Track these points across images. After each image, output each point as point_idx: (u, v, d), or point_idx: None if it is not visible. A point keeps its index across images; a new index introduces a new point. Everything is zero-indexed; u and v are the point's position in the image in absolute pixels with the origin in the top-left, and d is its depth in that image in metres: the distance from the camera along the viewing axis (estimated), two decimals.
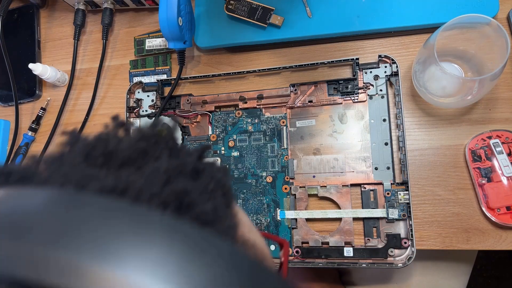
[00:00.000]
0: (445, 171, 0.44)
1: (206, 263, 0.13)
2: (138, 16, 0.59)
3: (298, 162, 0.48)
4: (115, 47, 0.59)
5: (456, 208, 0.43)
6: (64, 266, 0.11)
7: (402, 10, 0.47)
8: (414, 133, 0.46)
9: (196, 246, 0.13)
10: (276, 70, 0.50)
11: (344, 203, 0.45)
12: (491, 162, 0.43)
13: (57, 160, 0.16)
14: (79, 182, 0.15)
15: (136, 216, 0.13)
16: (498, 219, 0.41)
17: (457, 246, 0.43)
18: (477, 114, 0.45)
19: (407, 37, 0.48)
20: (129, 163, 0.16)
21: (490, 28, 0.40)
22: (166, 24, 0.47)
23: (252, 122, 0.50)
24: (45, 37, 0.63)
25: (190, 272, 0.12)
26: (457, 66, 0.45)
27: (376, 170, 0.45)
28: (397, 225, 0.44)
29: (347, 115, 0.47)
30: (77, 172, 0.15)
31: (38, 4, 0.63)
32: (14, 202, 0.14)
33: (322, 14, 0.49)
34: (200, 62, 0.55)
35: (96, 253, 0.11)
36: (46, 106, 0.59)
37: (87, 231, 0.12)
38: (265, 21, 0.49)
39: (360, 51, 0.49)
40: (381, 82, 0.47)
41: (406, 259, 0.42)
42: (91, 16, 0.61)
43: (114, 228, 0.12)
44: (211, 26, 0.52)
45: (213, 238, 0.14)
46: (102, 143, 0.17)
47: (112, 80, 0.58)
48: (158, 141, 0.17)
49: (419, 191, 0.44)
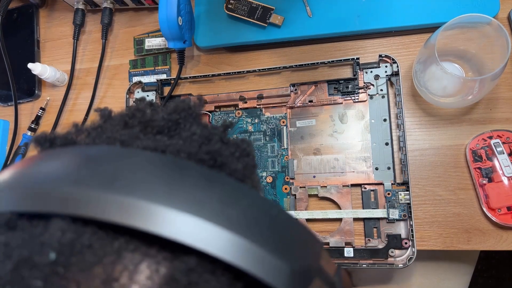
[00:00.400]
0: (446, 171, 0.44)
1: (245, 205, 0.14)
2: (137, 15, 0.59)
3: (298, 162, 0.48)
4: (115, 46, 0.59)
5: (456, 208, 0.43)
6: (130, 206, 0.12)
7: (402, 9, 0.46)
8: (414, 133, 0.46)
9: (233, 191, 0.14)
10: (276, 69, 0.50)
11: (344, 203, 0.45)
12: (492, 162, 0.42)
13: (97, 128, 0.18)
14: (124, 142, 0.16)
15: (180, 164, 0.15)
16: (499, 220, 0.41)
17: (458, 246, 0.43)
18: (478, 114, 0.45)
19: (407, 37, 0.48)
20: (164, 131, 0.18)
21: (490, 28, 0.40)
22: (166, 24, 0.46)
23: (252, 122, 0.50)
24: (45, 36, 0.62)
25: (229, 212, 0.13)
26: (457, 66, 0.45)
27: (377, 170, 0.45)
28: (397, 226, 0.43)
29: (348, 115, 0.47)
30: (120, 134, 0.17)
31: (38, 3, 0.62)
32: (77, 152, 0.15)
33: (323, 14, 0.48)
34: (200, 62, 0.55)
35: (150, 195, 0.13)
36: (45, 106, 0.59)
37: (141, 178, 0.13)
38: (265, 20, 0.49)
39: (360, 50, 0.49)
40: (382, 82, 0.47)
41: (407, 259, 0.42)
42: (91, 15, 0.61)
43: (163, 173, 0.14)
44: (211, 25, 0.52)
45: (245, 188, 0.15)
46: (140, 113, 0.18)
47: (112, 80, 0.58)
48: (188, 114, 0.19)
49: (419, 191, 0.44)
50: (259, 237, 0.13)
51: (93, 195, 0.12)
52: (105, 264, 0.12)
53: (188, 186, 0.14)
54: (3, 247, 0.13)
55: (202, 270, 0.13)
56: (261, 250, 0.12)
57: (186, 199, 0.13)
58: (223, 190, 0.14)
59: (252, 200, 0.15)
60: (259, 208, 0.14)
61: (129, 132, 0.17)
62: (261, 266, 0.12)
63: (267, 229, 0.14)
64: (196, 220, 0.12)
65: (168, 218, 0.12)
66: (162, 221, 0.12)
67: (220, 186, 0.14)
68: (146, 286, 0.12)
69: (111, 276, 0.12)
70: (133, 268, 0.12)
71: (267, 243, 0.13)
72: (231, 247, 0.12)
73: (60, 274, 0.12)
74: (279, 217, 0.15)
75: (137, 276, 0.12)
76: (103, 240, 0.13)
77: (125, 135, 0.17)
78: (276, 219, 0.14)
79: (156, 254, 0.13)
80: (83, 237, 0.12)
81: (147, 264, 0.13)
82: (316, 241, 0.16)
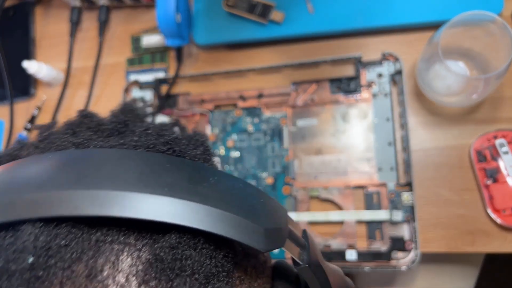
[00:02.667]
0: (450, 172, 0.43)
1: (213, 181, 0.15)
2: (134, 13, 0.58)
3: (300, 163, 0.47)
4: (112, 44, 0.58)
5: (461, 210, 0.42)
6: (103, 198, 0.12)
7: (406, 6, 0.46)
8: (418, 133, 0.45)
9: (199, 171, 0.15)
10: (276, 68, 0.49)
11: (346, 205, 0.44)
12: (496, 163, 0.42)
13: (43, 141, 0.17)
14: (79, 145, 0.16)
15: (141, 155, 0.15)
16: (504, 221, 0.41)
17: (462, 248, 0.42)
18: (483, 113, 0.44)
19: (411, 35, 0.47)
20: (114, 134, 0.18)
21: (495, 26, 0.39)
22: (164, 21, 0.46)
23: (252, 121, 0.49)
24: (40, 34, 0.62)
25: (200, 189, 0.14)
26: (462, 64, 0.44)
27: (380, 171, 0.44)
28: (400, 227, 0.43)
29: (350, 114, 0.46)
30: (72, 140, 0.16)
31: (34, 1, 0.62)
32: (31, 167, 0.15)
33: (324, 10, 0.48)
34: (198, 60, 0.54)
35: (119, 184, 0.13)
36: (41, 105, 0.58)
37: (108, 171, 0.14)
38: (265, 17, 0.48)
39: (363, 48, 0.48)
40: (385, 80, 0.46)
41: (410, 262, 0.41)
42: (87, 13, 0.60)
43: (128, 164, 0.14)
44: (210, 22, 0.51)
45: (210, 168, 0.16)
46: (87, 119, 0.18)
47: (109, 79, 0.57)
48: (134, 115, 0.20)
49: (423, 192, 0.43)
50: (231, 206, 0.14)
51: (61, 194, 0.12)
52: (86, 259, 0.12)
53: (156, 171, 0.14)
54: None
55: (183, 246, 0.13)
56: (235, 216, 0.13)
57: (156, 183, 0.13)
58: (190, 171, 0.15)
59: (218, 177, 0.16)
60: (226, 182, 0.16)
61: (81, 135, 0.17)
62: (238, 230, 0.13)
63: (237, 199, 0.15)
64: (170, 199, 0.13)
65: (141, 202, 0.12)
66: (137, 205, 0.12)
67: (186, 168, 0.15)
68: (131, 273, 0.13)
69: (94, 270, 0.12)
70: (114, 259, 0.13)
71: (240, 210, 0.14)
72: (207, 218, 0.13)
73: (42, 277, 0.12)
74: (246, 189, 0.16)
75: (121, 265, 0.13)
76: (80, 237, 0.13)
77: (78, 139, 0.16)
78: (243, 190, 0.16)
79: (135, 242, 0.13)
80: (58, 238, 0.12)
81: (128, 252, 0.13)
82: (282, 208, 0.17)
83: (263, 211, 0.15)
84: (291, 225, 0.16)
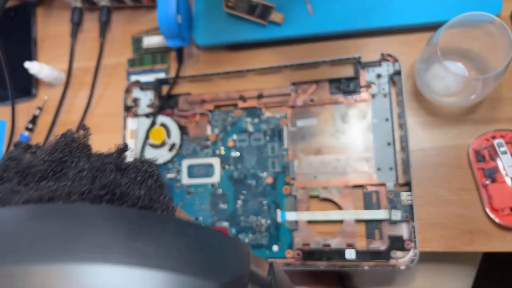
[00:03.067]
0: (449, 172, 0.44)
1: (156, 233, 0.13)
2: (135, 14, 0.58)
3: (299, 163, 0.47)
4: (113, 45, 0.58)
5: (459, 209, 0.43)
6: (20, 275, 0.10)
7: (405, 7, 0.46)
8: (417, 133, 0.45)
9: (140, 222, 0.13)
10: (276, 68, 0.49)
11: (346, 204, 0.45)
12: (495, 163, 0.42)
13: None
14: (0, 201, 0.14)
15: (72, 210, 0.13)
16: (502, 220, 0.41)
17: (461, 248, 0.42)
18: (481, 113, 0.44)
19: (410, 35, 0.47)
20: (48, 176, 0.16)
21: (493, 27, 0.39)
22: (165, 22, 0.46)
23: (252, 121, 0.50)
24: (42, 35, 0.62)
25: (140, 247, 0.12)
26: (460, 64, 0.44)
27: (379, 171, 0.44)
28: (399, 227, 0.43)
29: (349, 114, 0.47)
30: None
31: (35, 2, 0.62)
32: None
33: (324, 11, 0.48)
34: (199, 60, 0.54)
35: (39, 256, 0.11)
36: (42, 105, 0.59)
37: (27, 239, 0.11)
38: (265, 18, 0.48)
39: (362, 49, 0.49)
40: (384, 80, 0.46)
41: (409, 261, 0.41)
42: (88, 14, 0.60)
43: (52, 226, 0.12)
44: (210, 23, 0.52)
45: (154, 215, 0.14)
46: (14, 162, 0.16)
47: (110, 79, 0.57)
48: (72, 148, 0.17)
49: (422, 192, 0.44)
50: (178, 264, 0.12)
51: None
52: None
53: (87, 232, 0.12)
54: None
55: None
56: (183, 277, 0.11)
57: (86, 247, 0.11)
58: (128, 224, 0.13)
59: (163, 225, 0.13)
60: (172, 232, 0.13)
61: (4, 187, 0.15)
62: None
63: (186, 253, 0.13)
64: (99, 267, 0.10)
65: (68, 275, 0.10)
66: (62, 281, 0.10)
67: (124, 221, 0.13)
68: None
69: None
70: None
71: (189, 267, 0.12)
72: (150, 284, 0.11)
73: None
74: (197, 235, 0.14)
75: None
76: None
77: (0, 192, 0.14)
78: (194, 239, 0.14)
79: None
80: None
81: None
82: (243, 247, 0.15)
83: (217, 261, 0.13)
84: (254, 263, 0.15)
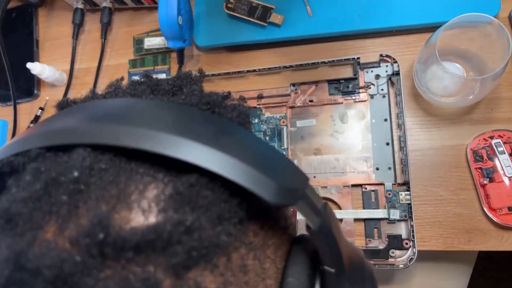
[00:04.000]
0: (447, 171, 0.44)
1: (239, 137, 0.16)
2: (137, 15, 0.59)
3: (299, 162, 0.47)
4: (114, 46, 0.59)
5: (457, 209, 0.43)
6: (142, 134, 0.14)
7: (403, 9, 0.46)
8: (415, 133, 0.45)
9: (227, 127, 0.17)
10: (276, 69, 0.50)
11: (345, 203, 0.45)
12: (492, 162, 0.42)
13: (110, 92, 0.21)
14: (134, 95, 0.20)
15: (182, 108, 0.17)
16: (500, 220, 0.41)
17: (459, 247, 0.42)
18: (479, 114, 0.44)
19: (408, 36, 0.48)
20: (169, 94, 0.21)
21: (491, 27, 0.40)
22: (166, 23, 0.46)
23: (252, 122, 0.50)
24: (44, 36, 0.62)
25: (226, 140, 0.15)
26: (458, 65, 0.45)
27: (377, 171, 0.45)
28: (398, 226, 0.43)
29: (348, 114, 0.47)
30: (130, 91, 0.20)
31: (37, 3, 0.62)
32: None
33: (323, 13, 0.48)
34: (199, 61, 0.55)
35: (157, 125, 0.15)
36: (44, 105, 0.59)
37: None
38: (265, 20, 0.49)
39: (361, 50, 0.49)
40: (382, 81, 0.46)
41: (408, 260, 0.42)
42: (90, 15, 0.61)
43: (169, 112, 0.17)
44: (210, 25, 0.52)
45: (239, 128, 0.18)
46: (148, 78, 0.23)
47: (111, 80, 0.57)
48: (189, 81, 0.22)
49: (420, 192, 0.44)
50: (249, 159, 0.15)
51: (107, 127, 0.15)
52: (119, 184, 0.14)
53: (190, 121, 0.16)
54: (34, 171, 0.15)
55: (202, 186, 0.15)
56: (252, 169, 0.14)
57: (187, 129, 0.15)
58: (219, 126, 0.17)
59: (245, 135, 0.17)
60: (251, 141, 0.17)
61: (139, 88, 0.20)
62: (251, 181, 0.14)
63: (258, 156, 0.16)
64: (195, 144, 0.14)
65: (172, 142, 0.14)
66: (167, 144, 0.14)
67: (217, 123, 0.17)
68: (154, 201, 0.14)
69: (124, 193, 0.14)
70: (142, 188, 0.14)
71: (256, 165, 0.15)
72: (225, 165, 0.14)
73: (82, 191, 0.14)
74: (271, 151, 0.17)
75: (147, 194, 0.14)
76: (118, 165, 0.15)
77: (136, 90, 0.20)
78: (268, 151, 0.17)
79: (163, 177, 0.15)
80: (101, 162, 0.15)
81: (155, 184, 0.15)
82: (304, 176, 0.17)
83: (281, 171, 0.16)
84: (311, 193, 0.17)
